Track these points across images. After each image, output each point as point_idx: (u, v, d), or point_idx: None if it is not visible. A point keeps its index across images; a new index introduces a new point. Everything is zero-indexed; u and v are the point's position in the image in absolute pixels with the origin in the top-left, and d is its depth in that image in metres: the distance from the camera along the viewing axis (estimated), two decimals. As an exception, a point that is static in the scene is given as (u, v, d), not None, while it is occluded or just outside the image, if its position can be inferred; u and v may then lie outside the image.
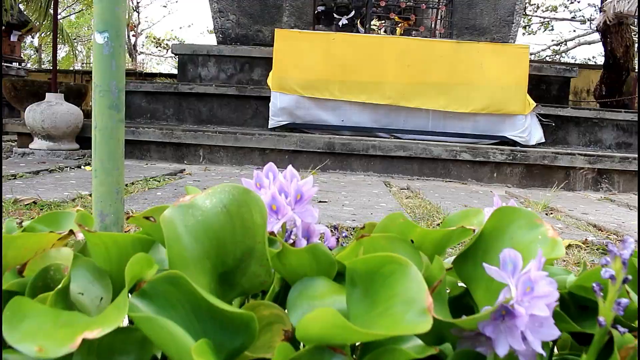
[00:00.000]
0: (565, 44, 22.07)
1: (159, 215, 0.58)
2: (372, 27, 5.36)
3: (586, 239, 2.17)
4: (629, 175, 4.72)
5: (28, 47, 27.27)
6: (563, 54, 22.67)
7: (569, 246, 2.10)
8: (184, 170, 4.14)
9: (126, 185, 3.05)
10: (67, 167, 3.90)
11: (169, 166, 4.45)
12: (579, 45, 21.49)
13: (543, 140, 5.17)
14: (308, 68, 4.76)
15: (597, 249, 2.09)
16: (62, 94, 4.79)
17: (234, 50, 5.88)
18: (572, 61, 22.67)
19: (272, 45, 4.97)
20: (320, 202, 2.77)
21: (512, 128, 4.96)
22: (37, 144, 4.65)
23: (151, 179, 3.42)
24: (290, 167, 0.67)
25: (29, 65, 26.91)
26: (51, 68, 6.66)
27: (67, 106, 4.68)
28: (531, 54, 21.69)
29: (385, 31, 5.46)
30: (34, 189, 2.73)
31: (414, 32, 5.85)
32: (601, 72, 9.95)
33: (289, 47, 4.81)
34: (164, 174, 3.69)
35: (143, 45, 26.99)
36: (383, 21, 5.46)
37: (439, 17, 5.62)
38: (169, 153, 4.74)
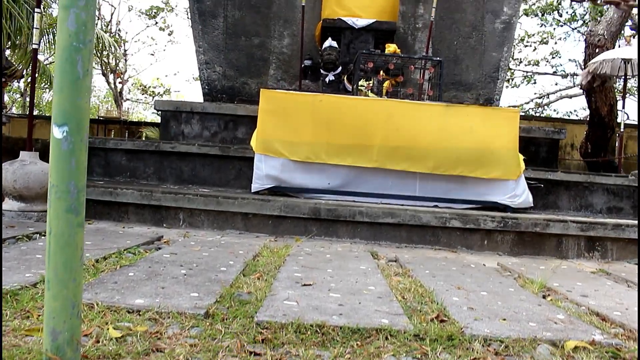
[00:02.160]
0: (548, 97, 22.40)
1: None
2: (360, 87, 5.27)
3: (593, 340, 2.00)
4: (622, 243, 4.60)
5: (14, 91, 27.13)
6: (545, 107, 22.99)
7: (575, 348, 1.93)
8: (162, 237, 3.93)
9: (97, 260, 2.84)
10: (37, 233, 3.67)
11: (147, 230, 4.24)
12: (561, 99, 21.86)
13: (531, 204, 5.04)
14: (293, 130, 4.63)
15: (606, 352, 1.92)
16: (37, 153, 4.60)
17: (218, 108, 5.76)
18: (555, 114, 23.00)
19: (258, 99, 4.84)
20: (304, 285, 2.57)
21: (502, 192, 4.84)
22: (8, 204, 4.42)
23: (125, 251, 3.21)
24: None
25: (13, 109, 26.72)
26: (36, 115, 6.52)
27: (42, 165, 4.49)
28: (514, 106, 22.00)
29: (372, 90, 5.38)
30: (-6, 268, 2.51)
31: (401, 89, 5.78)
32: (586, 130, 10.03)
33: (274, 108, 4.69)
34: (139, 244, 3.48)
35: (129, 91, 26.98)
36: (370, 81, 5.38)
37: (427, 79, 5.56)
38: (147, 215, 4.54)
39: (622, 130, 8.29)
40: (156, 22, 21.30)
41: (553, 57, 20.55)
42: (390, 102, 4.86)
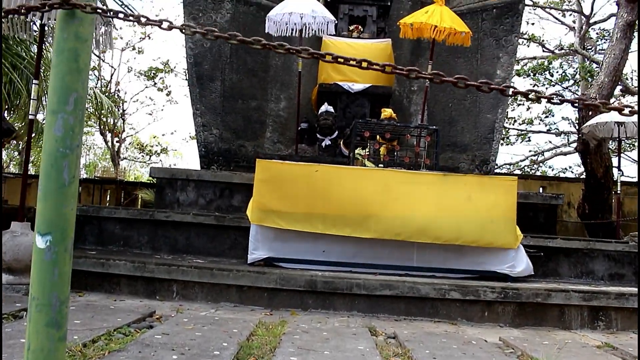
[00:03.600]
0: (543, 154, 22.56)
1: None
2: (356, 156, 5.27)
3: None
4: (627, 313, 4.50)
5: (12, 148, 27.22)
6: (541, 164, 23.13)
7: None
8: (154, 312, 3.81)
9: (84, 345, 2.73)
10: (23, 310, 3.55)
11: (139, 304, 4.13)
12: (556, 156, 22.01)
13: (532, 272, 4.96)
14: (290, 200, 4.59)
15: None
16: (29, 223, 4.54)
17: (214, 176, 5.74)
18: (550, 170, 23.11)
19: (254, 164, 4.80)
20: (300, 373, 2.47)
21: (501, 262, 4.77)
22: (-3, 277, 4.32)
23: (115, 332, 3.10)
24: None
25: (11, 166, 26.71)
26: (32, 174, 6.44)
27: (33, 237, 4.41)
28: (510, 164, 22.14)
29: (369, 159, 5.38)
30: (-25, 356, 2.40)
31: (397, 153, 5.77)
32: (583, 190, 10.01)
33: (269, 177, 4.66)
34: (131, 322, 3.37)
35: (127, 149, 27.07)
36: (367, 149, 5.39)
37: (423, 147, 5.57)
38: (140, 287, 4.43)
39: (619, 191, 8.25)
40: (155, 83, 21.59)
41: (546, 116, 20.82)
42: (387, 172, 4.85)
